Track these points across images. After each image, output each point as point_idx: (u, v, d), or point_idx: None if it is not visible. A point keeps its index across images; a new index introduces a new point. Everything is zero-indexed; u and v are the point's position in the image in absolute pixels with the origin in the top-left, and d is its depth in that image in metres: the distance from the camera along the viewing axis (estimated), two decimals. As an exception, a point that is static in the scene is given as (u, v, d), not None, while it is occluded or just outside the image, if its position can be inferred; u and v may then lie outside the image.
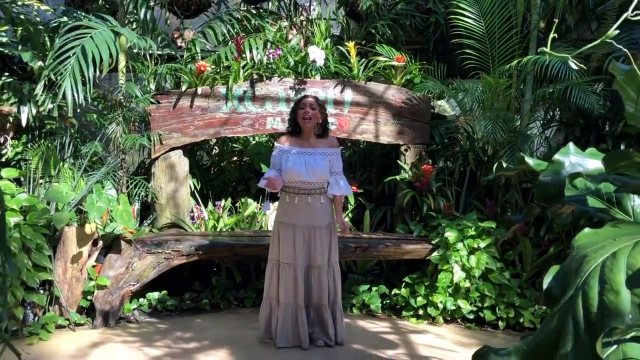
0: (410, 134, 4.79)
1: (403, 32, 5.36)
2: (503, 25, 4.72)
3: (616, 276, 1.09)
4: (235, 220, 4.74)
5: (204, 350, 3.46)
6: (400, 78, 4.82)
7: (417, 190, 4.57)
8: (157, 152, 4.58)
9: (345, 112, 4.74)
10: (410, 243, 4.32)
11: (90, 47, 3.69)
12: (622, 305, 1.05)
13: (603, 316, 1.06)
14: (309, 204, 3.47)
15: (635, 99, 1.69)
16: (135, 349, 3.45)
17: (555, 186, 1.53)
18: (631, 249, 1.12)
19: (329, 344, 3.50)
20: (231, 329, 3.89)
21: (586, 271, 1.14)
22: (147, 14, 4.59)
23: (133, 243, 4.14)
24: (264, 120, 4.69)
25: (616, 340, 1.30)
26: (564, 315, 1.12)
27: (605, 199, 1.82)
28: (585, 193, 1.84)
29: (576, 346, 1.08)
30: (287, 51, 4.82)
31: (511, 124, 4.64)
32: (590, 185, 1.83)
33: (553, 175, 1.54)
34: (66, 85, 3.60)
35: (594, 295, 1.09)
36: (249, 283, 4.59)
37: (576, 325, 1.09)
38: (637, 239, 1.14)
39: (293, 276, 3.44)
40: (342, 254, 3.95)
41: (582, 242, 1.24)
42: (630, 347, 1.26)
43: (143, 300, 4.24)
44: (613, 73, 1.80)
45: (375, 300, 4.33)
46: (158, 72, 4.62)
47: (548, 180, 1.55)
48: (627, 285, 1.06)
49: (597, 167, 1.53)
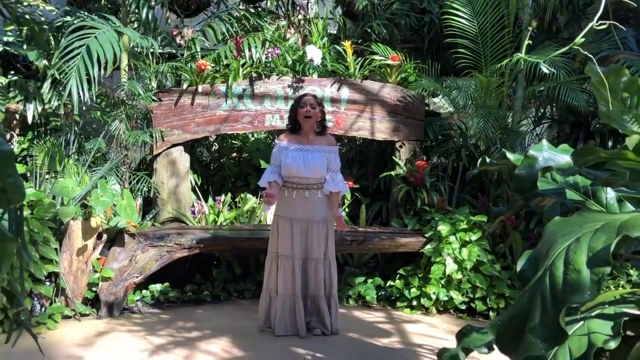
0: (405, 131, 4.93)
1: (398, 31, 5.50)
2: (495, 25, 4.86)
3: (579, 258, 1.23)
4: (235, 215, 4.87)
5: (206, 339, 3.60)
6: (396, 76, 4.96)
7: (412, 186, 4.71)
8: (159, 148, 4.71)
9: (342, 109, 4.88)
10: (404, 236, 4.47)
11: (95, 46, 3.81)
12: (583, 283, 1.19)
13: (566, 292, 1.20)
14: (306, 198, 3.61)
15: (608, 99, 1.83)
16: (140, 338, 3.59)
17: (529, 179, 1.67)
18: (592, 234, 1.26)
19: (325, 333, 3.65)
20: (232, 319, 4.03)
21: (554, 254, 1.28)
22: (148, 13, 4.72)
23: (136, 236, 4.27)
24: (263, 117, 4.82)
25: (582, 317, 1.45)
26: (533, 293, 1.27)
27: (582, 191, 1.96)
28: (564, 186, 1.98)
29: (543, 319, 1.22)
30: (285, 50, 4.95)
31: (502, 121, 4.78)
32: (569, 179, 1.98)
33: (527, 169, 1.68)
34: (72, 84, 3.72)
35: (559, 274, 1.23)
36: (249, 275, 4.74)
37: (543, 301, 1.24)
38: (598, 226, 1.28)
39: (291, 268, 3.59)
40: (338, 246, 4.10)
41: (552, 229, 1.38)
42: (594, 323, 1.41)
43: (146, 292, 4.37)
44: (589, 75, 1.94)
45: (370, 291, 4.47)
46: (159, 71, 4.75)
47: (523, 173, 1.69)
48: (587, 265, 1.20)
49: (567, 162, 1.67)
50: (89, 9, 5.25)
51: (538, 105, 5.39)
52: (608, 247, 1.19)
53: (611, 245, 1.19)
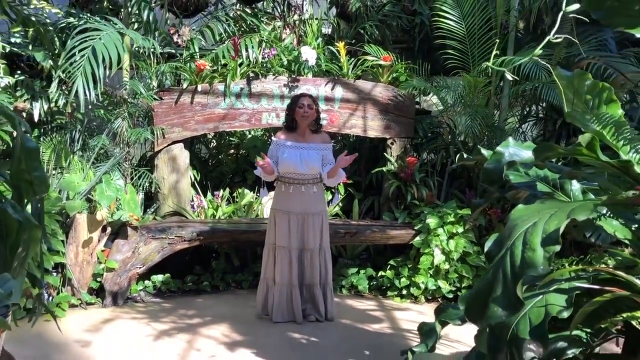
0: (396, 129, 5.14)
1: (390, 32, 5.71)
2: (483, 27, 5.07)
3: (535, 238, 1.44)
4: (233, 209, 5.07)
5: (207, 325, 3.81)
6: (387, 76, 5.17)
7: (402, 181, 4.93)
8: (160, 145, 4.90)
9: (336, 108, 5.08)
10: (395, 229, 4.69)
11: (99, 48, 4.01)
12: (537, 259, 1.40)
13: (523, 267, 1.42)
14: (302, 192, 3.82)
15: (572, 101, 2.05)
16: (144, 324, 3.80)
17: (497, 172, 1.89)
18: (547, 219, 1.48)
19: (320, 320, 3.87)
20: (231, 307, 4.24)
21: (514, 236, 1.49)
22: (149, 15, 4.91)
23: (139, 229, 4.47)
24: (260, 115, 5.02)
25: (541, 292, 1.67)
26: (496, 269, 1.48)
27: (551, 184, 2.18)
28: (535, 180, 2.20)
29: (504, 290, 1.43)
30: (281, 50, 5.14)
31: (489, 119, 5.00)
32: (539, 173, 2.19)
33: (495, 163, 1.89)
34: (78, 83, 3.91)
35: (518, 253, 1.45)
36: (246, 266, 4.94)
37: (504, 276, 1.45)
38: (552, 212, 1.50)
39: (288, 258, 3.80)
40: (332, 238, 4.31)
41: (516, 215, 1.59)
42: (551, 296, 1.63)
43: (148, 282, 4.57)
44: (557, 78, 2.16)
45: (363, 281, 4.69)
46: (160, 71, 4.94)
47: (491, 167, 1.90)
48: (541, 245, 1.42)
49: (529, 157, 1.88)
50: (91, 9, 5.42)
51: (524, 103, 5.61)
52: (558, 229, 1.41)
53: (560, 227, 1.40)
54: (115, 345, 3.40)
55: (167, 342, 3.48)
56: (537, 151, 1.70)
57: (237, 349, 3.38)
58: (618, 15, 2.18)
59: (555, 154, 1.73)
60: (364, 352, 3.35)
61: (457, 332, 3.02)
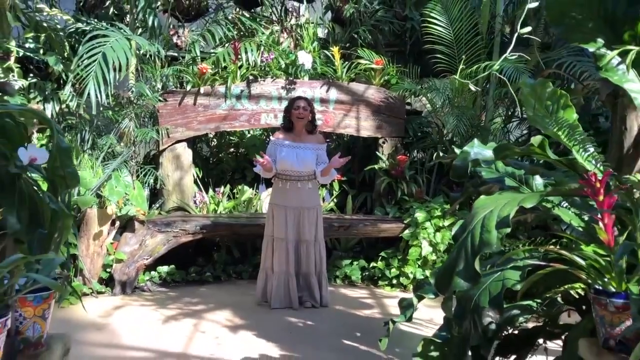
0: (388, 129, 5.45)
1: (382, 36, 6.01)
2: (470, 32, 5.38)
3: (491, 222, 1.74)
4: (233, 205, 5.37)
5: (210, 311, 4.11)
6: (379, 79, 5.48)
7: (393, 178, 5.24)
8: (164, 144, 5.20)
9: (331, 109, 5.39)
10: (385, 223, 5.00)
11: (110, 54, 4.29)
12: (492, 239, 1.70)
13: (481, 246, 1.71)
14: (298, 188, 4.13)
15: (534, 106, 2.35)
16: (152, 310, 4.10)
17: (463, 168, 2.19)
18: (502, 207, 1.77)
19: (315, 306, 4.18)
20: (232, 295, 4.54)
21: (475, 221, 1.79)
22: (154, 21, 5.20)
23: (145, 223, 4.76)
24: (259, 116, 5.32)
25: (500, 269, 1.97)
26: (460, 248, 1.78)
27: (518, 179, 2.48)
28: (504, 175, 2.50)
29: (465, 265, 1.73)
30: (278, 54, 5.44)
31: (474, 120, 5.31)
32: (508, 169, 2.50)
33: (462, 161, 2.19)
34: (90, 87, 4.20)
35: (477, 234, 1.75)
36: (246, 258, 5.25)
37: (466, 253, 1.75)
38: (506, 201, 1.80)
39: (285, 249, 4.11)
40: (327, 232, 4.61)
41: (478, 204, 1.89)
42: (508, 272, 1.94)
43: (154, 273, 4.87)
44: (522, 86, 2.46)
45: (355, 272, 5.00)
46: (164, 74, 5.23)
47: (459, 164, 2.20)
48: (496, 227, 1.71)
49: (491, 156, 2.18)
50: (97, 14, 5.71)
51: (508, 104, 5.92)
52: (509, 215, 1.71)
53: (511, 213, 1.71)
54: (128, 328, 3.70)
55: (174, 325, 3.78)
56: (497, 151, 2.01)
57: (239, 331, 3.68)
58: (575, 32, 2.49)
59: (513, 153, 2.03)
60: (356, 334, 3.66)
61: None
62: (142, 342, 3.46)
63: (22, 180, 2.22)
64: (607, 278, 1.76)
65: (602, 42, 2.41)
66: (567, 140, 2.25)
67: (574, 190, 1.88)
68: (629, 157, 2.47)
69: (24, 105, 4.69)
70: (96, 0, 6.01)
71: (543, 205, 2.15)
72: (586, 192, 1.79)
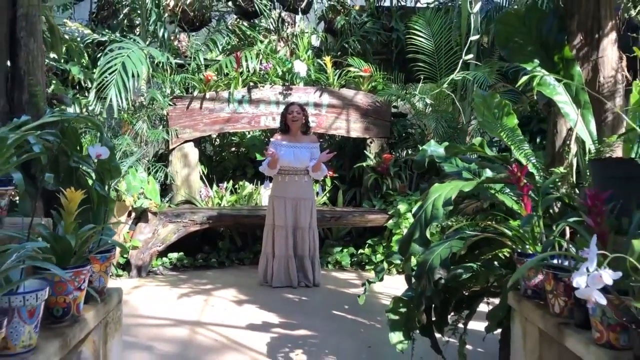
0: (375, 130, 6.06)
1: (371, 45, 6.61)
2: (448, 44, 5.99)
3: (439, 202, 2.33)
4: (235, 199, 5.96)
5: (217, 289, 4.70)
6: (367, 85, 6.08)
7: (379, 174, 5.84)
8: (174, 144, 5.78)
9: (323, 112, 5.99)
10: (372, 214, 5.61)
11: (128, 64, 4.87)
12: (439, 214, 2.30)
13: (431, 219, 2.30)
14: (295, 182, 4.73)
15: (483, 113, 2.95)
16: (167, 290, 4.68)
17: (422, 162, 2.79)
18: (448, 191, 2.37)
19: (309, 285, 4.78)
20: (236, 277, 5.13)
21: (428, 202, 2.38)
22: (164, 33, 5.79)
23: (158, 214, 5.34)
24: (259, 118, 5.92)
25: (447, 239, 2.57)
26: (416, 221, 2.37)
27: (473, 172, 3.09)
28: (462, 169, 3.10)
29: (419, 234, 2.32)
30: (276, 62, 6.03)
31: (452, 122, 5.91)
32: (464, 164, 3.10)
33: (421, 157, 2.79)
34: (111, 94, 4.78)
35: (429, 211, 2.34)
36: (247, 246, 5.84)
37: (420, 225, 2.34)
38: (451, 187, 2.39)
39: (284, 235, 4.70)
40: (320, 222, 5.21)
41: (432, 190, 2.48)
42: (454, 241, 2.53)
43: (165, 259, 5.45)
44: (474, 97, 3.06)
45: (345, 258, 5.61)
46: (174, 81, 5.81)
47: (419, 159, 2.81)
48: (442, 205, 2.31)
49: (443, 153, 2.78)
50: (109, 25, 6.29)
51: (483, 108, 6.52)
52: (451, 197, 2.31)
53: (452, 195, 2.31)
54: (146, 303, 4.28)
55: (187, 301, 4.37)
56: (447, 149, 2.61)
57: (244, 305, 4.27)
58: (517, 54, 3.10)
59: (459, 151, 2.64)
60: (344, 306, 4.25)
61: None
62: (160, 313, 4.04)
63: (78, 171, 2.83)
64: (527, 244, 2.36)
65: (538, 62, 3.02)
66: (508, 140, 2.85)
67: (503, 179, 2.48)
68: (560, 154, 3.08)
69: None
70: (109, 12, 6.61)
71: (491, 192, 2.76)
72: (511, 180, 2.39)
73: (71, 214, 2.00)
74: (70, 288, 1.89)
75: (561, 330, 1.92)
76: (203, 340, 3.52)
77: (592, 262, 1.43)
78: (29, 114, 2.62)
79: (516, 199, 2.65)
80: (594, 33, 2.95)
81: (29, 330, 1.60)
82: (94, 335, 2.12)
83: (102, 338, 2.22)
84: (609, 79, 2.96)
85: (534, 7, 3.20)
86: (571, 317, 1.95)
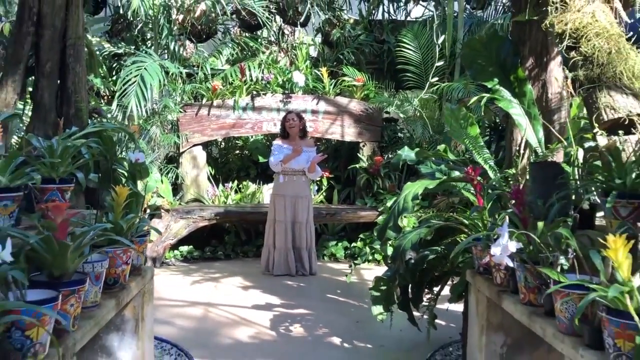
0: (367, 134, 6.64)
1: (364, 56, 7.19)
2: (435, 56, 6.57)
3: (409, 197, 2.91)
4: (240, 197, 6.55)
5: (225, 277, 5.28)
6: (360, 93, 6.66)
7: (371, 175, 6.42)
8: (184, 147, 6.36)
9: (320, 118, 6.57)
10: (364, 211, 6.19)
11: (146, 76, 5.44)
12: (409, 206, 2.87)
13: (402, 210, 2.88)
14: (294, 181, 5.33)
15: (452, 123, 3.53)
16: (180, 278, 5.27)
17: (397, 164, 3.37)
18: (416, 188, 2.95)
19: (305, 274, 5.36)
20: (241, 267, 5.72)
21: (401, 196, 2.96)
22: (175, 46, 6.37)
23: (170, 211, 5.92)
24: (261, 124, 6.50)
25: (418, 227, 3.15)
26: (391, 212, 2.95)
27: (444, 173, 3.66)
28: (435, 170, 3.68)
29: (393, 222, 2.90)
30: (277, 73, 6.62)
31: (438, 127, 6.50)
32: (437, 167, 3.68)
33: (397, 160, 3.37)
34: (132, 103, 5.36)
35: (401, 204, 2.92)
36: (251, 240, 6.43)
37: (394, 215, 2.92)
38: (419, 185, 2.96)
39: (284, 229, 5.29)
40: (317, 218, 5.79)
41: (405, 187, 3.06)
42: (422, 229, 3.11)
43: (177, 252, 6.03)
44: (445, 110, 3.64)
45: (340, 251, 6.19)
46: (184, 90, 6.39)
47: (394, 161, 3.39)
48: (411, 200, 2.89)
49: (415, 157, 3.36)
50: (122, 37, 6.87)
51: (467, 115, 7.10)
52: (418, 192, 2.89)
53: (419, 191, 2.89)
54: (162, 288, 4.85)
55: (198, 286, 4.95)
56: (417, 153, 3.19)
57: (249, 289, 4.86)
58: (480, 74, 3.67)
59: (428, 155, 3.22)
60: (337, 291, 4.84)
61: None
62: (175, 296, 4.62)
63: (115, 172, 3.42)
64: (480, 230, 2.94)
65: (497, 81, 3.60)
66: (470, 146, 3.44)
67: (461, 178, 3.06)
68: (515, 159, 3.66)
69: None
70: (122, 26, 7.20)
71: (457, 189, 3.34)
72: (467, 179, 2.97)
73: (120, 205, 2.58)
74: (119, 262, 2.47)
75: (500, 296, 2.50)
76: (216, 317, 4.11)
77: (504, 236, 2.01)
78: (75, 125, 3.20)
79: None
80: (542, 57, 3.51)
81: (95, 290, 2.18)
82: (134, 302, 2.71)
83: (140, 304, 2.80)
84: (556, 95, 3.53)
85: (495, 35, 3.77)
86: (508, 286, 2.53)
